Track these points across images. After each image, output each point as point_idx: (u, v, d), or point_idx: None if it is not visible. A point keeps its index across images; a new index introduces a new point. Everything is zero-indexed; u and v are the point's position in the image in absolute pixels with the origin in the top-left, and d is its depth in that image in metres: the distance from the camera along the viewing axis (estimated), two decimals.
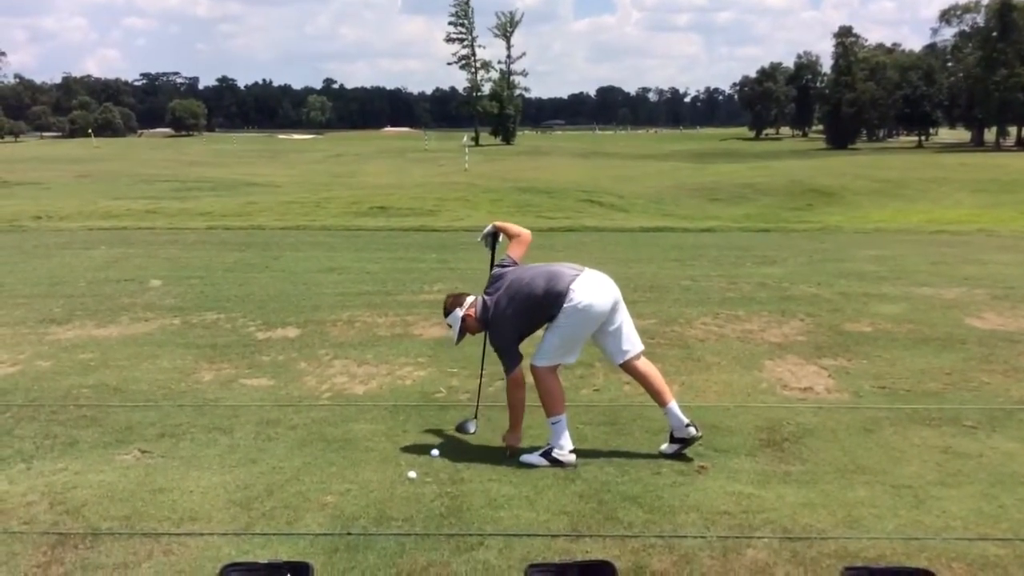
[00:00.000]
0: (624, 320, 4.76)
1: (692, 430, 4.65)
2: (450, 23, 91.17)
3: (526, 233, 5.10)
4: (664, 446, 4.74)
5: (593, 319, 4.63)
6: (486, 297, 4.79)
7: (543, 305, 4.61)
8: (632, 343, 4.78)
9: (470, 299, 4.84)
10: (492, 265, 5.05)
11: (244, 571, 2.91)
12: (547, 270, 4.73)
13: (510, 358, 4.68)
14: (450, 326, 4.88)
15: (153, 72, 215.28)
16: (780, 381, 6.20)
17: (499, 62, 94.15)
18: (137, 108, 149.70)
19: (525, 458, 4.66)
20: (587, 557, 3.47)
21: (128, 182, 34.50)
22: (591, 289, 4.61)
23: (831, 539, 3.74)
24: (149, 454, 4.84)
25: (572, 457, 4.62)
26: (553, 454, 4.61)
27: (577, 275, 4.65)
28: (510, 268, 4.87)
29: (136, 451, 4.88)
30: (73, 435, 5.13)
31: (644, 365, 4.80)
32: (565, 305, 4.56)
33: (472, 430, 5.08)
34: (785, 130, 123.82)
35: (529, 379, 4.72)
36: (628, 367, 4.81)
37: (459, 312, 4.79)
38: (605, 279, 4.74)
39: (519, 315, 4.65)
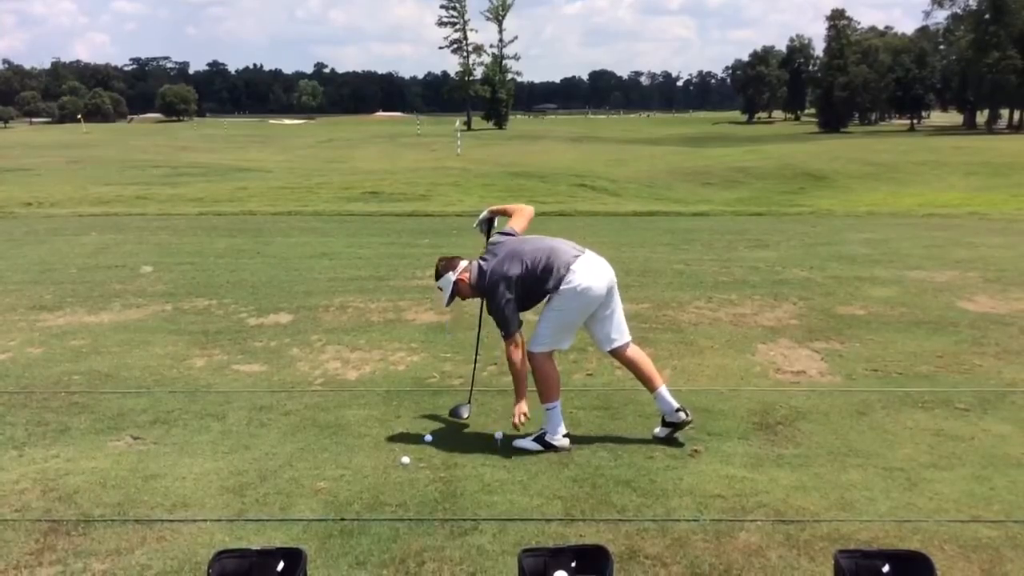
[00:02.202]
0: (617, 307, 4.73)
1: (682, 415, 4.64)
2: (442, 7, 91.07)
3: (528, 208, 4.98)
4: (657, 429, 4.75)
5: (590, 303, 4.57)
6: (482, 263, 4.67)
7: (540, 281, 4.52)
8: (621, 332, 4.73)
9: (464, 263, 4.67)
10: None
11: (236, 558, 2.93)
12: (548, 245, 4.63)
13: (508, 323, 4.52)
14: (440, 289, 4.73)
15: (143, 57, 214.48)
16: (773, 365, 6.21)
17: (491, 46, 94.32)
18: (127, 93, 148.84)
19: (518, 443, 4.64)
20: (581, 541, 3.47)
21: (118, 168, 34.31)
22: (590, 272, 4.54)
23: (824, 522, 3.75)
24: (141, 440, 4.82)
25: (566, 441, 4.60)
26: (546, 439, 4.60)
27: (578, 256, 4.58)
28: (510, 238, 4.75)
29: (128, 438, 4.86)
30: (65, 422, 5.11)
31: (633, 352, 4.77)
32: (563, 287, 4.49)
33: (466, 415, 5.07)
34: (778, 114, 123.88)
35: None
36: (617, 354, 4.78)
37: (452, 276, 4.63)
38: (603, 263, 4.67)
39: (516, 286, 4.50)
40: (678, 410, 4.63)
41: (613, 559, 2.93)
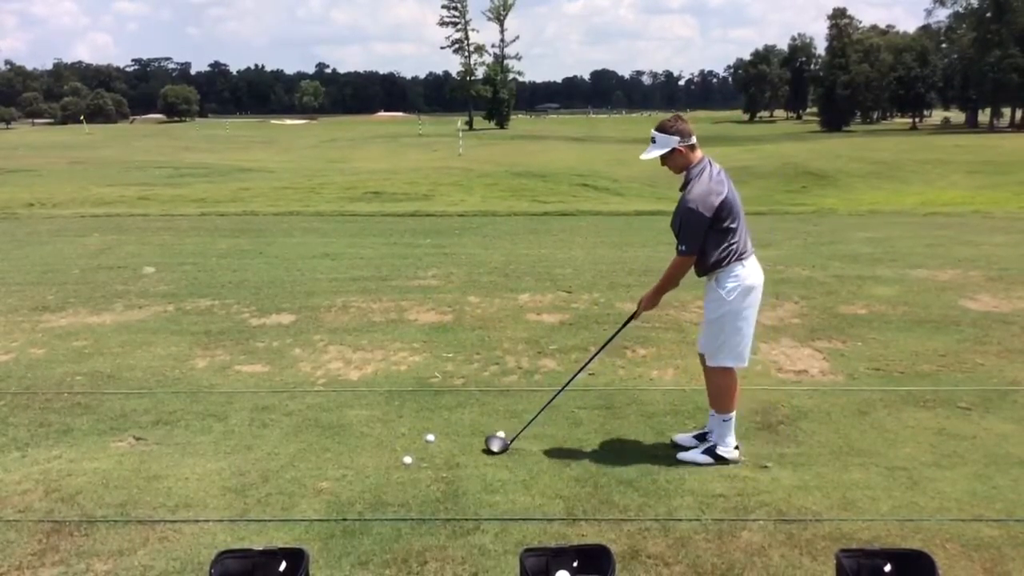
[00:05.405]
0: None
1: (735, 453, 4.44)
2: (443, 6, 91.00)
3: None
4: (682, 436, 4.62)
5: (753, 303, 4.44)
6: (712, 164, 4.35)
7: (720, 234, 4.27)
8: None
9: (695, 140, 4.32)
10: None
11: (239, 558, 2.93)
12: (743, 221, 4.42)
13: (693, 241, 4.24)
14: (654, 141, 4.33)
15: (145, 58, 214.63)
16: (775, 364, 6.20)
17: (493, 46, 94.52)
18: (129, 94, 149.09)
19: (684, 456, 4.42)
20: (583, 541, 3.48)
21: (121, 168, 34.35)
22: (755, 272, 4.44)
23: (826, 521, 3.75)
24: (144, 441, 4.83)
25: (736, 453, 4.41)
26: (718, 450, 4.41)
27: (751, 255, 4.44)
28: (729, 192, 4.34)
29: (131, 438, 4.87)
30: (67, 423, 5.13)
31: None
32: (729, 283, 4.33)
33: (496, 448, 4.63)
34: (779, 113, 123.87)
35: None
36: (704, 360, 4.61)
37: (676, 141, 4.28)
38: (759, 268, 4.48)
39: (714, 213, 4.22)
40: (735, 447, 4.45)
41: (615, 559, 2.93)
